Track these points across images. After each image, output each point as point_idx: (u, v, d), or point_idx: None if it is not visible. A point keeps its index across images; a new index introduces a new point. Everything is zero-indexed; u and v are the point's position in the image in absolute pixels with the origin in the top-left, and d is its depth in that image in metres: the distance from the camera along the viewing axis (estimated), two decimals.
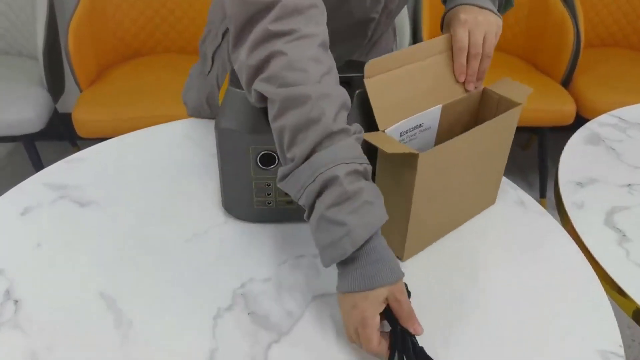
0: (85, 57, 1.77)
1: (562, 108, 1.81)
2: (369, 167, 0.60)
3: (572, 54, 1.88)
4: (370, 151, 0.69)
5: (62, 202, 0.80)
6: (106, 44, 1.91)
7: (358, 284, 0.56)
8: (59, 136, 2.09)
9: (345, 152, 0.57)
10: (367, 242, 0.57)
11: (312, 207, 0.59)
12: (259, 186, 0.73)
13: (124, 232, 0.75)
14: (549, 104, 1.83)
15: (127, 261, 0.70)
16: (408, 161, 0.63)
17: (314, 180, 0.57)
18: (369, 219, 0.56)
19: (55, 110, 1.86)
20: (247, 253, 0.72)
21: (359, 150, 0.59)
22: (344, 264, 0.58)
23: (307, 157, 0.58)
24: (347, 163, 0.57)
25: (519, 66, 2.05)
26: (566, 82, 1.93)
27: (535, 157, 2.19)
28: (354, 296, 0.57)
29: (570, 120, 1.82)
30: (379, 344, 0.56)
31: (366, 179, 0.59)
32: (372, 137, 0.64)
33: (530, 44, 2.07)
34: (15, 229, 0.75)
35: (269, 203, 0.75)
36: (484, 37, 0.73)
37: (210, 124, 0.98)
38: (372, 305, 0.56)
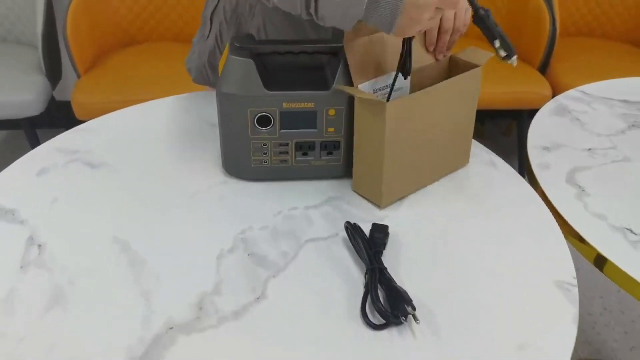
0: (83, 43, 1.83)
1: (538, 92, 1.91)
2: None
3: (548, 41, 1.98)
4: (350, 104, 0.78)
5: (75, 164, 0.87)
6: (103, 31, 1.98)
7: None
8: (55, 124, 2.15)
9: None
10: None
11: None
12: (255, 146, 0.81)
13: (133, 189, 0.82)
14: (526, 88, 1.93)
15: (137, 212, 0.78)
16: (378, 109, 0.71)
17: None
18: None
19: (52, 97, 1.92)
20: (246, 206, 0.80)
21: None
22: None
23: None
24: None
25: None
26: (543, 68, 2.03)
27: (516, 143, 2.30)
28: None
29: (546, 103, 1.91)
30: None
31: None
32: (348, 88, 0.73)
33: (509, 32, 2.15)
34: (33, 187, 0.82)
35: (264, 162, 0.83)
36: (455, 14, 0.81)
37: (206, 98, 1.06)
38: None
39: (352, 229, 0.72)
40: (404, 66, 0.76)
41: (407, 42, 0.74)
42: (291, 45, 0.80)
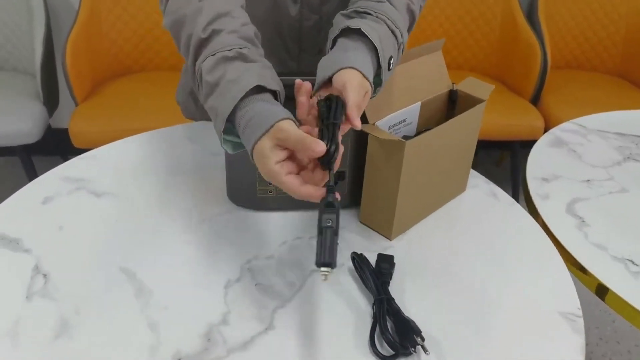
0: (82, 72, 1.85)
1: (531, 123, 1.94)
2: (246, 50, 0.65)
3: (539, 74, 2.03)
4: (361, 140, 0.79)
5: (79, 193, 0.87)
6: (101, 61, 2.00)
7: (246, 151, 0.64)
8: (50, 151, 2.15)
9: (215, 47, 0.65)
10: (236, 112, 0.63)
11: None
12: (261, 176, 0.81)
13: (138, 218, 0.82)
14: (519, 120, 1.96)
15: (143, 242, 0.78)
16: (396, 148, 0.72)
17: (199, 84, 0.66)
18: (231, 94, 0.62)
19: (48, 125, 1.93)
20: (251, 235, 0.80)
21: (230, 40, 0.65)
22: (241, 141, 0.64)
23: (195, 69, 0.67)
24: (213, 55, 0.64)
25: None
26: (535, 100, 2.07)
27: (508, 173, 2.33)
28: (253, 160, 0.62)
29: (539, 134, 1.94)
30: (301, 185, 0.59)
31: (235, 60, 0.64)
32: (365, 127, 0.74)
33: (502, 66, 2.21)
34: (38, 215, 0.82)
35: (270, 192, 0.83)
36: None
37: (210, 127, 1.07)
38: (263, 160, 0.60)
39: (359, 260, 0.73)
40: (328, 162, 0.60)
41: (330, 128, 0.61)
42: (296, 77, 0.82)
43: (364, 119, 0.77)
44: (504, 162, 2.55)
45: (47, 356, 0.61)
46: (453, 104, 0.90)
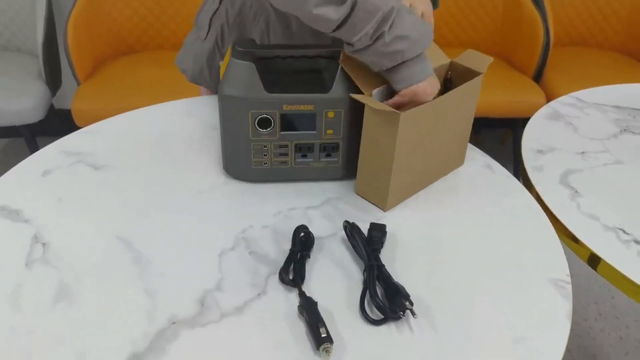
0: (83, 51, 1.86)
1: (533, 100, 1.94)
2: None
3: (542, 51, 2.01)
4: (357, 111, 0.80)
5: (79, 166, 0.89)
6: (103, 40, 2.01)
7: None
8: (54, 132, 2.17)
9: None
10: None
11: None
12: (256, 147, 0.83)
13: (136, 190, 0.84)
14: (521, 97, 1.96)
15: (141, 213, 0.79)
16: (391, 119, 0.73)
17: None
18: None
19: (51, 106, 1.94)
20: (246, 206, 0.82)
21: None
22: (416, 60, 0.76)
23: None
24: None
25: (494, 62, 2.17)
26: (537, 77, 2.06)
27: (511, 151, 2.33)
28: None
29: None
30: None
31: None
32: (361, 97, 0.75)
33: (504, 42, 2.20)
34: (38, 187, 0.84)
35: (265, 164, 0.84)
36: (423, 13, 0.84)
37: (208, 102, 1.08)
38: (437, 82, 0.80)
39: (351, 228, 0.74)
40: None
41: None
42: (292, 49, 0.82)
43: (358, 89, 0.78)
44: (508, 140, 2.54)
45: (47, 320, 0.63)
46: (450, 83, 0.90)
